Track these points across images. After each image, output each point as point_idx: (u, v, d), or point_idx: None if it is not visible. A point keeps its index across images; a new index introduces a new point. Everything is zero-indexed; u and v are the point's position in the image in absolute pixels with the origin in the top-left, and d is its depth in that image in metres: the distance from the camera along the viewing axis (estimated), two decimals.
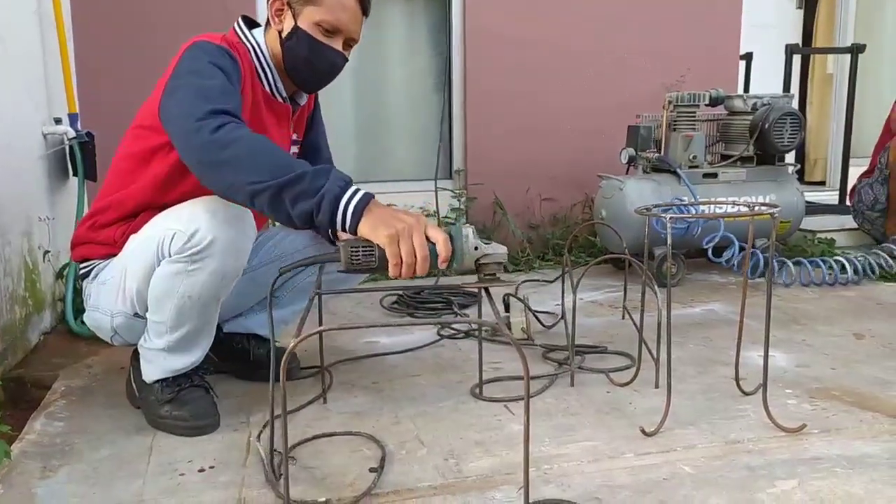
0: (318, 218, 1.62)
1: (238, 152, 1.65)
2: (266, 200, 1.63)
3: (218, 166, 1.66)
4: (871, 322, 2.87)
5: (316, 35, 1.96)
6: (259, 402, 2.11)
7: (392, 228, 1.59)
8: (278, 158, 1.66)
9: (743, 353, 2.18)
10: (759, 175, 3.71)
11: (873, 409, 2.01)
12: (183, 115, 1.73)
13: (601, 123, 4.27)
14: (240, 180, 1.64)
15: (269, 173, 1.62)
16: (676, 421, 1.93)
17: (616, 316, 2.99)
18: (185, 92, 1.77)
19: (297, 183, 1.61)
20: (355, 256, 1.61)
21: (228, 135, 1.66)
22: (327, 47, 1.98)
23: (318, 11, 1.94)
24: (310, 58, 1.98)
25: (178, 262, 1.77)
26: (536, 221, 4.30)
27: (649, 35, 4.39)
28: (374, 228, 1.60)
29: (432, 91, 4.35)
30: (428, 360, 2.49)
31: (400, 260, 1.60)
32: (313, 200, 1.61)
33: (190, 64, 1.83)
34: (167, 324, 1.85)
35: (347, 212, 1.62)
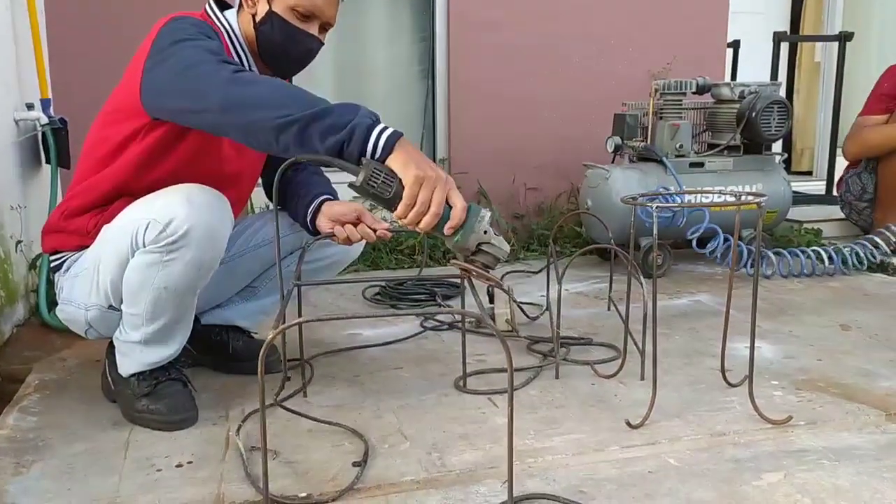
0: (349, 149, 1.62)
1: (262, 90, 1.66)
2: (294, 134, 1.62)
3: (242, 105, 1.65)
4: (858, 313, 2.90)
5: (291, 20, 1.94)
6: (238, 395, 2.11)
7: (422, 171, 1.61)
8: (303, 94, 1.67)
9: (729, 344, 2.19)
10: (746, 164, 3.72)
11: (859, 401, 2.03)
12: (191, 66, 1.72)
13: (587, 111, 4.27)
14: (266, 116, 1.63)
15: (296, 107, 1.62)
16: (662, 413, 1.94)
17: (602, 307, 3.00)
18: (184, 53, 1.75)
19: (326, 116, 1.61)
20: (375, 178, 1.61)
21: (249, 75, 1.69)
22: (303, 32, 1.97)
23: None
24: (284, 43, 1.96)
25: (153, 252, 1.75)
26: (521, 211, 4.30)
27: (635, 21, 4.39)
28: (405, 164, 1.61)
29: (415, 78, 4.34)
30: (411, 353, 2.49)
31: (412, 204, 1.61)
32: (343, 132, 1.61)
33: (176, 34, 1.81)
34: (143, 316, 1.84)
35: (379, 143, 1.62)
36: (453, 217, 1.66)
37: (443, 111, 4.28)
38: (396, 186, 1.62)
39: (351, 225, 2.07)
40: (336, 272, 2.37)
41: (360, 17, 4.22)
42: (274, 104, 1.63)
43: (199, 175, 1.88)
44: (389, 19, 4.30)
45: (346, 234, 2.05)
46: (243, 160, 2.10)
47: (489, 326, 1.25)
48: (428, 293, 3.15)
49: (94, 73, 3.37)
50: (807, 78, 5.97)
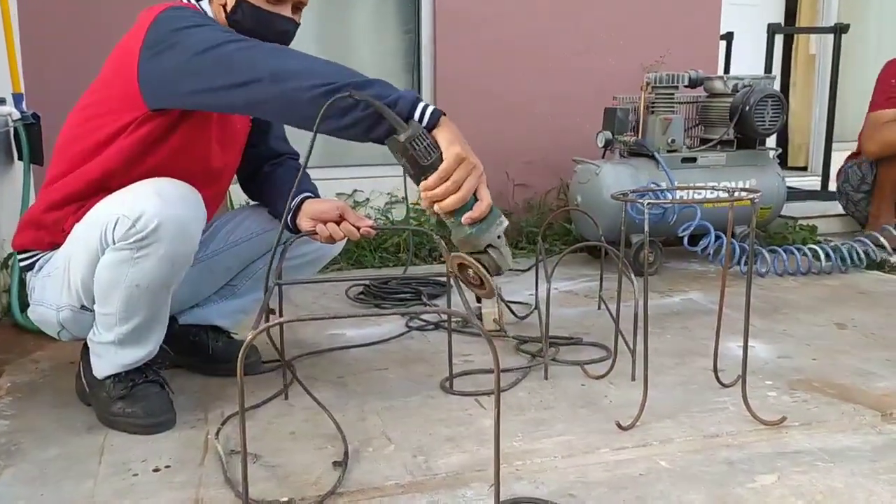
0: (400, 106, 1.65)
1: (298, 61, 1.69)
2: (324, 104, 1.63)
3: (285, 76, 1.67)
4: (854, 311, 2.91)
5: (261, 5, 1.94)
6: (217, 397, 2.10)
7: (465, 152, 1.65)
8: (339, 65, 1.71)
9: (722, 343, 2.20)
10: (740, 160, 3.74)
11: (855, 401, 2.04)
12: (213, 47, 1.72)
13: (577, 106, 4.28)
14: (313, 82, 1.64)
15: (338, 76, 1.65)
16: (653, 414, 1.95)
17: (592, 306, 3.00)
18: (199, 36, 1.75)
19: (369, 86, 1.65)
20: (420, 141, 1.64)
21: (278, 48, 1.73)
22: (276, 16, 1.96)
23: None
24: (257, 29, 1.94)
25: (124, 249, 1.74)
26: (510, 208, 4.31)
27: (626, 14, 4.40)
28: (451, 141, 1.66)
29: (401, 71, 4.33)
30: (395, 353, 2.49)
31: (446, 179, 1.64)
32: (389, 99, 1.65)
33: (180, 21, 1.80)
34: (116, 315, 1.83)
35: (425, 114, 1.67)
36: (476, 209, 1.69)
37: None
38: (436, 158, 1.65)
39: (333, 223, 2.06)
40: (317, 269, 2.36)
41: (345, 10, 4.22)
42: (319, 73, 1.66)
43: (186, 169, 1.87)
44: (374, 11, 4.30)
45: (328, 233, 2.04)
46: (227, 155, 2.10)
47: (476, 326, 1.25)
48: (413, 292, 3.14)
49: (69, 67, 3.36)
50: (803, 71, 6.00)
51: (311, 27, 4.13)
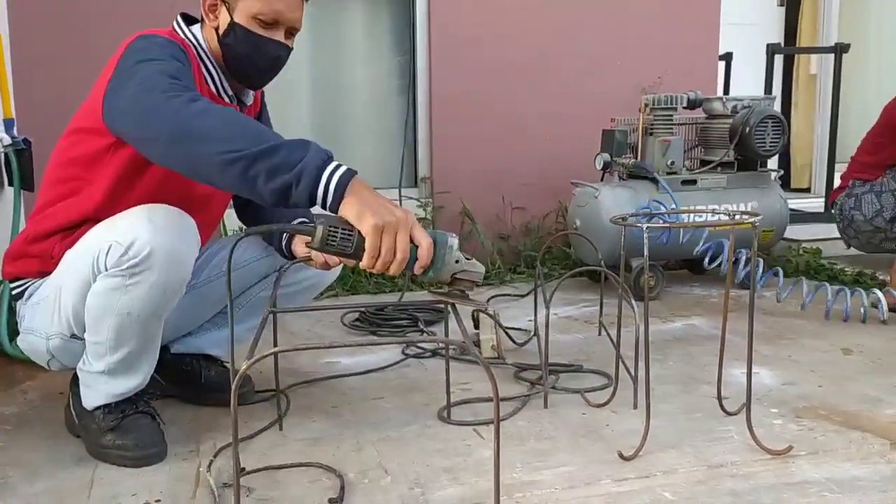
0: (296, 192, 1.57)
1: (211, 122, 1.62)
2: (238, 172, 1.57)
3: (188, 138, 1.61)
4: (860, 336, 2.91)
5: (254, 29, 1.94)
6: (210, 428, 2.09)
7: (380, 219, 1.56)
8: (254, 127, 1.63)
9: (726, 370, 2.19)
10: (741, 182, 3.75)
11: (863, 429, 2.03)
12: (144, 92, 1.70)
13: (574, 127, 4.29)
14: (211, 150, 1.59)
15: (243, 142, 1.58)
16: (656, 444, 1.94)
17: (592, 332, 3.00)
18: (142, 75, 1.74)
19: (274, 153, 1.57)
20: (332, 237, 1.60)
21: (201, 104, 1.65)
22: (268, 41, 1.96)
23: (255, 4, 1.92)
24: (250, 54, 1.96)
25: (115, 276, 1.73)
26: (507, 232, 4.31)
27: (624, 34, 4.42)
28: (360, 214, 1.57)
29: (396, 94, 4.35)
30: (392, 382, 2.48)
31: (378, 254, 1.58)
32: (292, 173, 1.56)
33: (140, 54, 1.80)
34: (106, 344, 1.82)
35: (329, 188, 1.57)
36: (421, 257, 1.62)
37: (424, 128, 4.29)
38: (357, 238, 1.60)
39: None
40: (313, 296, 2.36)
41: (338, 31, 4.23)
42: (222, 138, 1.59)
43: (169, 199, 1.87)
44: (368, 32, 4.32)
45: (322, 259, 2.04)
46: None
47: (473, 354, 1.24)
48: (410, 319, 3.14)
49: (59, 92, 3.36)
50: (804, 90, 6.01)
51: (306, 49, 4.14)
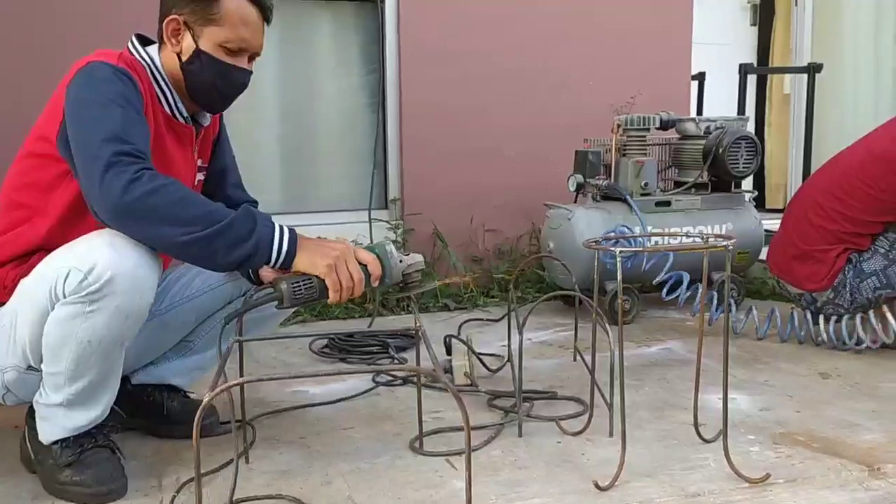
0: (254, 261, 1.80)
1: (159, 204, 1.72)
2: (197, 251, 1.75)
3: (137, 219, 1.73)
4: (838, 360, 2.93)
5: (221, 57, 1.97)
6: (172, 462, 2.06)
7: (329, 259, 1.81)
8: (203, 207, 1.77)
9: (702, 395, 2.20)
10: (715, 203, 3.78)
11: (841, 456, 2.05)
12: (89, 159, 1.74)
13: (547, 147, 4.30)
14: (167, 233, 1.72)
15: (198, 223, 1.73)
16: (632, 472, 1.94)
17: (567, 357, 3.00)
18: (86, 128, 1.77)
19: (229, 231, 1.75)
20: (297, 291, 1.83)
21: (144, 186, 1.71)
22: (234, 68, 2.00)
23: (221, 31, 1.95)
24: (216, 81, 1.99)
25: (75, 303, 1.71)
26: (480, 254, 4.31)
27: (596, 53, 4.46)
28: (312, 262, 1.82)
29: (365, 111, 4.34)
30: (362, 411, 2.46)
31: (340, 287, 1.82)
32: (248, 245, 1.77)
33: (86, 92, 1.82)
34: (65, 375, 1.79)
35: (282, 251, 1.81)
36: (373, 272, 1.89)
37: (395, 147, 4.28)
38: (317, 283, 1.83)
39: None
40: (280, 321, 2.35)
41: (304, 45, 4.23)
42: (172, 221, 1.72)
43: None
44: (336, 48, 4.31)
45: None
46: None
47: (443, 383, 1.24)
48: (381, 345, 3.12)
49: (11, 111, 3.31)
50: (778, 110, 6.10)
51: (271, 65, 4.14)
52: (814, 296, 3.11)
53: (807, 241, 3.11)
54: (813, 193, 3.18)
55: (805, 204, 3.18)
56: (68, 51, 2.10)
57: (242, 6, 1.96)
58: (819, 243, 3.07)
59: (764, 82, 6.16)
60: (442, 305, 3.91)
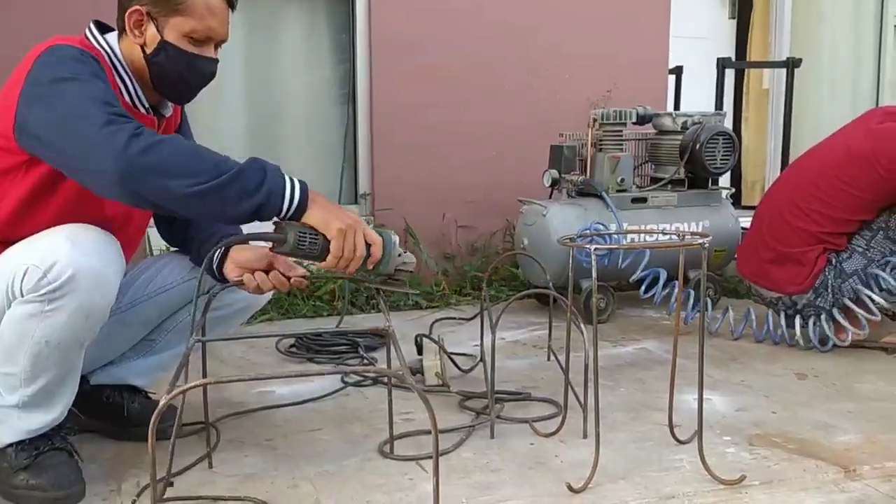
0: (266, 211, 1.78)
1: (164, 155, 1.71)
2: (207, 202, 1.73)
3: (143, 175, 1.69)
4: (814, 360, 2.96)
5: (187, 47, 1.94)
6: (132, 465, 2.05)
7: (342, 223, 1.82)
8: (208, 156, 1.76)
9: (678, 395, 2.22)
10: (692, 200, 3.80)
11: (817, 457, 2.07)
12: (77, 120, 1.70)
13: (522, 142, 4.31)
14: (176, 185, 1.69)
15: (205, 174, 1.71)
16: (606, 475, 1.95)
17: (541, 357, 3.01)
18: (69, 101, 1.72)
19: (238, 180, 1.73)
20: (302, 241, 1.83)
21: (146, 138, 1.70)
22: (201, 58, 1.97)
23: (187, 22, 1.91)
24: (182, 72, 1.96)
25: (33, 301, 1.70)
26: (452, 251, 4.31)
27: (572, 46, 4.47)
28: (326, 221, 1.82)
29: (335, 104, 4.33)
30: (330, 412, 2.46)
31: (342, 254, 1.83)
32: (259, 195, 1.75)
33: (56, 71, 1.78)
34: (20, 376, 1.77)
35: (294, 202, 1.80)
36: (374, 254, 1.88)
37: (365, 141, 4.27)
38: (322, 242, 1.83)
39: (262, 272, 2.04)
40: (244, 319, 2.34)
41: (274, 37, 4.21)
42: (181, 172, 1.70)
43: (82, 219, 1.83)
44: (305, 39, 4.30)
45: (255, 283, 2.02)
46: None
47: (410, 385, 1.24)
48: (350, 344, 3.11)
49: None
50: (755, 105, 6.13)
51: (238, 56, 4.11)
52: (793, 299, 3.11)
53: (784, 242, 3.11)
54: (788, 194, 3.18)
55: (779, 205, 3.18)
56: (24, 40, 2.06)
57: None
58: (798, 245, 3.07)
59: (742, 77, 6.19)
60: (413, 304, 3.90)
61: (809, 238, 3.05)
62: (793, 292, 3.10)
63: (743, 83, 6.15)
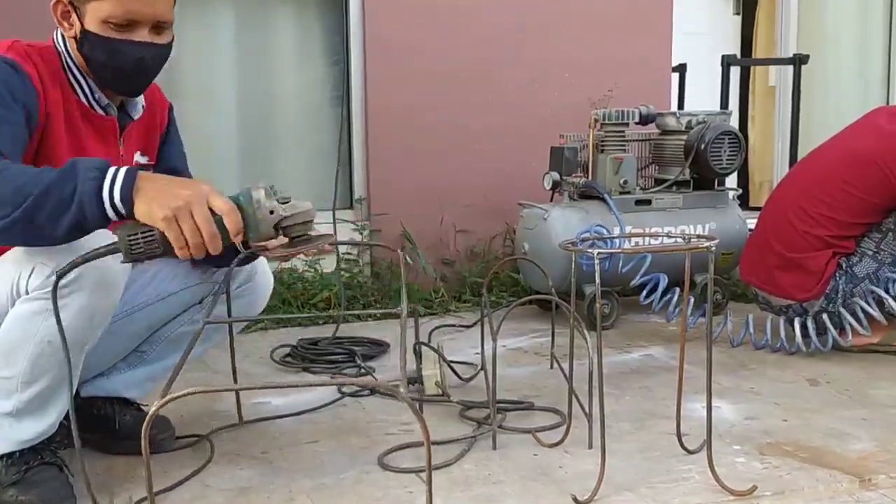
0: (88, 223, 1.61)
1: None
2: (20, 233, 1.61)
3: None
4: (827, 366, 2.97)
5: (108, 34, 1.88)
6: (124, 479, 2.05)
7: (167, 208, 1.59)
8: (10, 182, 1.60)
9: (686, 403, 2.22)
10: (697, 201, 3.81)
11: (830, 466, 2.07)
12: None
13: (521, 144, 4.32)
14: None
15: (8, 205, 1.58)
16: (612, 486, 1.95)
17: (543, 365, 3.01)
18: None
19: (45, 200, 1.58)
20: (135, 245, 1.62)
21: None
22: (126, 43, 1.90)
23: (103, 6, 1.85)
24: (109, 61, 1.91)
25: (39, 299, 1.72)
26: (451, 257, 4.31)
27: (571, 44, 4.47)
28: (149, 212, 1.60)
29: (328, 106, 4.33)
30: (327, 424, 2.46)
31: (185, 244, 1.61)
32: (72, 210, 1.59)
33: None
34: (18, 379, 1.79)
35: (115, 202, 1.61)
36: (228, 225, 1.64)
37: (360, 144, 4.28)
38: (159, 234, 1.62)
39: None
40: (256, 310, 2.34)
41: (266, 38, 4.21)
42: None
43: None
44: (298, 40, 4.30)
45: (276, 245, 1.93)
46: None
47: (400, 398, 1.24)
48: (346, 353, 3.12)
49: None
50: (762, 103, 6.14)
51: (229, 57, 4.12)
52: (804, 306, 3.10)
53: (792, 247, 3.09)
54: (793, 196, 3.16)
55: (784, 208, 3.16)
56: None
57: None
58: (806, 250, 3.05)
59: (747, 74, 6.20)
60: (410, 310, 3.89)
61: (817, 242, 3.03)
62: (803, 299, 3.08)
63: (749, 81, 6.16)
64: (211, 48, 4.11)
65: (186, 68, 3.99)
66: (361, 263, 4.15)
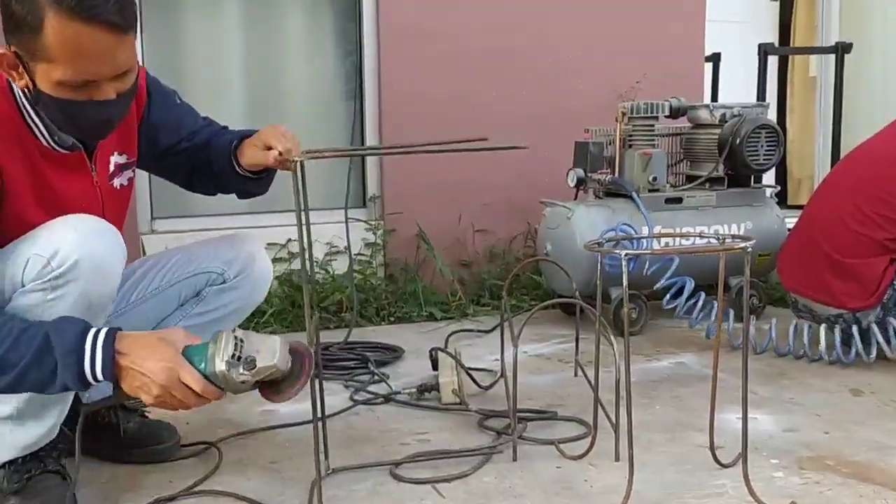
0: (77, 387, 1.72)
1: None
2: None
3: None
4: (870, 374, 2.96)
5: (64, 95, 1.76)
6: (128, 489, 2.07)
7: (150, 395, 1.72)
8: None
9: (720, 414, 2.22)
10: (732, 199, 3.81)
11: (874, 482, 2.07)
12: None
13: (543, 138, 4.31)
14: None
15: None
16: (640, 501, 1.96)
17: (567, 372, 3.02)
18: None
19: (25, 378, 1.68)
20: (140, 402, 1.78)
21: None
22: (87, 105, 1.80)
23: (55, 69, 1.71)
24: (67, 122, 1.85)
25: (36, 290, 1.75)
26: (469, 257, 4.33)
27: (597, 32, 4.47)
28: (136, 394, 1.74)
29: (341, 98, 4.35)
30: (339, 432, 2.47)
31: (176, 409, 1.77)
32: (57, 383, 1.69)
33: None
34: None
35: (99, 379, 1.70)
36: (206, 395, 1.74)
37: (373, 139, 4.29)
38: None
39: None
40: (240, 320, 2.36)
41: (275, 28, 4.23)
42: None
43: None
44: (310, 30, 4.32)
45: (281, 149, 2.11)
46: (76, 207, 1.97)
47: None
48: (359, 359, 3.14)
49: None
50: (801, 95, 6.13)
51: (238, 48, 4.15)
52: (857, 315, 3.04)
53: (843, 249, 3.03)
54: (846, 194, 3.09)
55: (835, 207, 3.10)
56: None
57: (76, 33, 1.66)
58: (861, 253, 2.99)
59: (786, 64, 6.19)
60: (427, 315, 3.92)
61: (873, 246, 2.97)
62: (857, 308, 3.02)
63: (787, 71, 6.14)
64: (219, 43, 4.14)
65: (195, 61, 4.04)
66: (375, 265, 4.17)
